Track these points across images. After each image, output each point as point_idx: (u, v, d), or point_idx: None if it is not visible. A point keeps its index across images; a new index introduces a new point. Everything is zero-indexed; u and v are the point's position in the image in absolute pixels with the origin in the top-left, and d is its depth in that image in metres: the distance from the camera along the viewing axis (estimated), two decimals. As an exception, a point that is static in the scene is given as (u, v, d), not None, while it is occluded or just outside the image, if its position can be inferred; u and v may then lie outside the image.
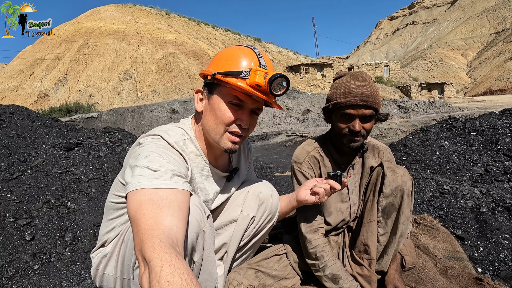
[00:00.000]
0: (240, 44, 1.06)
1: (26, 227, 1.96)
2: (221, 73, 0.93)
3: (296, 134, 11.28)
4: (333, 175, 1.07)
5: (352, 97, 1.09)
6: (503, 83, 51.58)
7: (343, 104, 1.10)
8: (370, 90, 1.10)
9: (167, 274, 0.56)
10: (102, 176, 2.80)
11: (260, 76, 0.91)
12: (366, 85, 1.10)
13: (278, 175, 4.05)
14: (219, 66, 0.96)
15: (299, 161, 1.24)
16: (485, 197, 2.31)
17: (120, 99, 30.00)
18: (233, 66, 0.94)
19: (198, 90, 1.02)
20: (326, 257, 1.15)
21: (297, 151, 1.28)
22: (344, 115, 1.13)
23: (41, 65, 34.13)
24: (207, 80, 0.99)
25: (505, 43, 66.36)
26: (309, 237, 1.18)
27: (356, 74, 1.15)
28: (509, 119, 4.17)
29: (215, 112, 0.96)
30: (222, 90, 0.96)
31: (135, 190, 0.75)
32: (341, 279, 1.11)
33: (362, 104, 1.09)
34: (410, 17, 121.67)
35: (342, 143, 1.17)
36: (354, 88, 1.10)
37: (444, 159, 3.37)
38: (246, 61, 0.95)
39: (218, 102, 0.96)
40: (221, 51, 1.03)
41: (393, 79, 35.92)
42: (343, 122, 1.14)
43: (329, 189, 1.06)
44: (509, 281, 1.46)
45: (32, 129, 3.90)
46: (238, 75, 0.92)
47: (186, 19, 49.38)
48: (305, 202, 1.12)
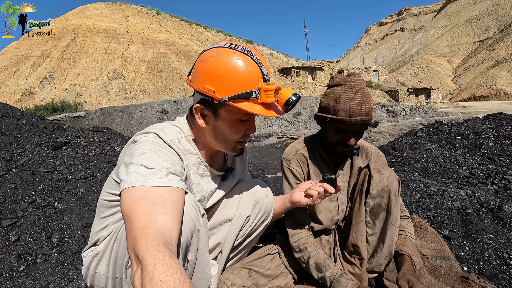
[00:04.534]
0: (231, 44, 0.92)
1: (10, 228, 1.89)
2: (231, 98, 0.87)
3: (286, 136, 11.34)
4: (327, 178, 1.08)
5: (352, 117, 1.07)
6: (486, 89, 53.38)
7: (342, 122, 1.09)
8: (369, 106, 1.09)
9: (160, 273, 0.56)
10: (91, 176, 2.74)
11: (271, 95, 0.90)
12: (365, 101, 1.08)
13: (269, 176, 4.06)
14: (222, 86, 0.88)
15: (288, 158, 1.27)
16: (470, 199, 2.38)
17: (109, 98, 29.46)
18: (239, 86, 0.88)
19: (198, 108, 0.94)
20: (309, 248, 1.17)
21: (287, 149, 1.30)
22: (339, 129, 1.13)
23: (26, 62, 33.19)
24: (207, 97, 0.91)
25: (488, 51, 68.74)
26: (293, 232, 1.21)
27: (355, 85, 1.11)
28: (492, 124, 4.32)
29: (225, 130, 0.95)
30: (231, 110, 0.91)
31: (130, 188, 0.74)
32: (323, 267, 1.13)
33: (361, 124, 1.09)
34: (399, 24, 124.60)
35: (334, 149, 1.19)
36: (354, 106, 1.07)
37: (431, 162, 3.45)
38: (251, 77, 0.89)
39: (227, 121, 0.94)
40: (213, 60, 0.89)
41: (382, 84, 36.63)
42: (337, 134, 1.14)
43: (323, 192, 1.07)
44: (494, 279, 1.51)
45: (17, 127, 3.78)
46: (249, 97, 0.89)
47: (177, 19, 49.04)
48: (298, 204, 1.13)
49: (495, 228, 1.90)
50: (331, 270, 1.12)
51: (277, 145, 9.94)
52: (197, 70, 0.93)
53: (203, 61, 0.91)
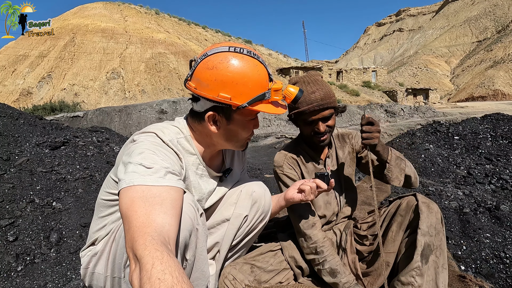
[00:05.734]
0: (236, 48, 0.92)
1: (8, 228, 1.89)
2: (249, 103, 0.91)
3: (285, 136, 11.35)
4: (320, 174, 1.11)
5: (309, 105, 1.17)
6: (484, 90, 53.58)
7: (303, 112, 1.18)
8: (323, 92, 1.17)
9: (158, 271, 0.56)
10: (89, 176, 2.74)
11: (280, 94, 0.96)
12: (318, 89, 1.18)
13: (267, 176, 4.07)
14: (239, 92, 0.89)
15: (280, 165, 1.30)
16: (467, 199, 2.39)
17: (107, 98, 29.38)
18: (254, 90, 0.91)
19: (211, 116, 0.94)
20: (326, 252, 1.17)
21: (275, 157, 1.34)
22: (306, 121, 1.21)
23: (24, 62, 33.05)
24: (221, 104, 0.91)
25: (486, 51, 69.02)
26: (308, 233, 1.20)
27: (307, 79, 1.22)
28: (490, 125, 4.35)
29: (238, 132, 0.99)
30: (245, 112, 0.94)
31: (128, 187, 0.74)
32: (339, 273, 1.14)
33: (320, 108, 1.17)
34: (397, 24, 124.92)
35: (312, 142, 1.25)
36: (308, 95, 1.17)
37: (429, 162, 3.47)
38: (262, 79, 0.93)
39: (241, 123, 0.97)
40: (224, 67, 0.88)
41: (380, 84, 36.72)
42: (307, 126, 1.22)
43: (315, 188, 1.10)
44: (490, 278, 1.52)
45: (15, 127, 3.77)
46: (262, 99, 0.93)
47: (176, 19, 49.00)
48: (292, 200, 1.15)
49: (492, 227, 1.92)
50: (347, 278, 1.14)
51: (276, 145, 9.95)
52: (205, 77, 0.89)
53: (212, 68, 0.89)
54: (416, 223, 1.07)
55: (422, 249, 1.02)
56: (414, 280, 1.00)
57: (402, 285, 1.02)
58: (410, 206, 1.12)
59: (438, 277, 1.02)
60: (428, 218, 1.05)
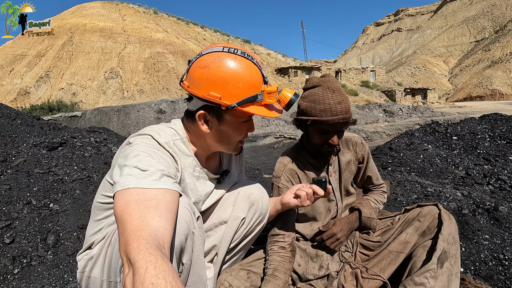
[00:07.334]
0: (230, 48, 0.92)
1: (5, 230, 1.88)
2: (239, 104, 0.89)
3: (284, 136, 11.35)
4: (317, 180, 1.08)
5: (334, 116, 1.09)
6: (482, 89, 53.80)
7: (322, 122, 1.10)
8: (347, 104, 1.11)
9: (152, 276, 0.55)
10: (87, 177, 2.72)
11: (274, 97, 0.94)
12: (344, 100, 1.11)
13: (266, 176, 4.06)
14: (229, 92, 0.88)
15: (278, 176, 1.27)
16: (466, 199, 2.39)
17: (106, 98, 29.30)
18: (245, 91, 0.90)
19: (201, 115, 0.94)
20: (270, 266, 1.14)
21: (276, 165, 1.30)
22: (322, 130, 1.13)
23: (22, 61, 32.92)
24: (212, 103, 0.91)
25: (484, 51, 69.29)
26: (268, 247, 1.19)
27: (331, 85, 1.12)
28: (488, 125, 4.35)
29: (229, 133, 0.98)
30: (236, 113, 0.93)
31: (123, 190, 0.74)
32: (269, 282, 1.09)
33: (343, 122, 1.10)
34: (395, 24, 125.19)
35: (319, 151, 1.20)
36: (334, 106, 1.09)
37: (427, 162, 3.47)
38: (255, 81, 0.91)
39: (232, 125, 0.96)
40: (216, 66, 0.88)
41: (379, 84, 36.76)
42: (320, 136, 1.15)
43: (312, 194, 1.07)
44: (489, 280, 1.52)
45: (12, 127, 3.75)
46: (254, 101, 0.91)
47: (174, 18, 48.88)
48: (287, 205, 1.13)
49: (491, 228, 1.91)
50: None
51: (275, 145, 9.95)
52: (197, 76, 0.90)
53: (204, 67, 0.89)
54: (438, 229, 1.09)
55: (440, 253, 1.03)
56: (428, 282, 1.00)
57: (415, 285, 1.02)
58: (433, 213, 1.14)
59: (450, 284, 1.02)
60: (449, 227, 1.08)
